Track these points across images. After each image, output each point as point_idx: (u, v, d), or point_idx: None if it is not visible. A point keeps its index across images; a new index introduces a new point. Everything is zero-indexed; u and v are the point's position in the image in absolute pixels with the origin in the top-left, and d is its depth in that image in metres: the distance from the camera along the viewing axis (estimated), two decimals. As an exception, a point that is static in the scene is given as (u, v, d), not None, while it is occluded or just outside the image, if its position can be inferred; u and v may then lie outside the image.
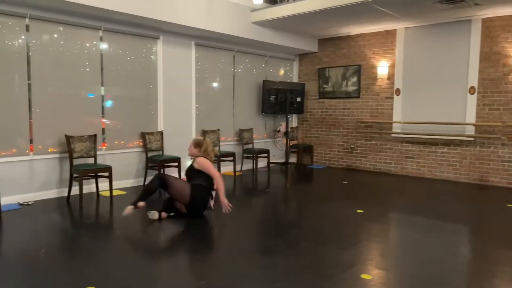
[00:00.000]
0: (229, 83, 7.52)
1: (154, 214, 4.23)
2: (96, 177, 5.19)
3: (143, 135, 6.03)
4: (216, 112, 7.32)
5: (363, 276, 2.87)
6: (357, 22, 6.96)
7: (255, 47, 7.72)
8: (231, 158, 7.00)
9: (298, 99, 8.41)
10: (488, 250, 3.44)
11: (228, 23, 6.51)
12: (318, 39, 8.41)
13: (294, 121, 8.97)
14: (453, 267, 3.09)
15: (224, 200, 4.25)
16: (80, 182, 4.83)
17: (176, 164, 6.08)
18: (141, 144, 6.10)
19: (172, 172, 6.46)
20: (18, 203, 4.79)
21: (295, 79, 8.88)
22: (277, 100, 8.00)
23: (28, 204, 4.77)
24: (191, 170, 4.51)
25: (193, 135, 6.86)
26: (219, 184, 4.30)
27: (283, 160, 8.15)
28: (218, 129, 7.19)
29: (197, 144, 4.57)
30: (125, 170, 5.92)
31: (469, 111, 6.50)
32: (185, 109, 6.73)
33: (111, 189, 5.09)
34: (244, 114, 7.82)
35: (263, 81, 7.86)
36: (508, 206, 4.99)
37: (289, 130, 8.32)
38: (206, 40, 6.89)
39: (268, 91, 7.87)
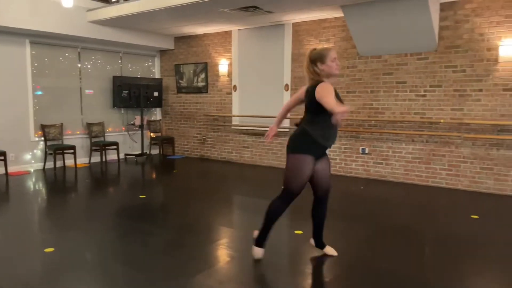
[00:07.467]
0: (75, 79, 7.81)
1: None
2: None
3: (-40, 130, 6.23)
4: (60, 106, 7.59)
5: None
6: (189, 22, 7.40)
7: (106, 44, 8.05)
8: (71, 151, 7.35)
9: (156, 94, 8.88)
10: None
11: (60, 22, 6.80)
12: (175, 37, 8.91)
13: (158, 114, 9.45)
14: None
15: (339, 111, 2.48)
16: None
17: (2, 158, 6.37)
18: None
19: None
20: None
21: (158, 75, 9.34)
22: (130, 95, 8.43)
23: None
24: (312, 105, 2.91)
25: (31, 129, 7.15)
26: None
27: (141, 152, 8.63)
28: (62, 123, 7.50)
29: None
30: None
31: (285, 106, 7.31)
32: (18, 104, 6.96)
33: None
34: (94, 108, 8.15)
35: (113, 76, 8.24)
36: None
37: (145, 123, 8.80)
38: (43, 38, 7.13)
39: (119, 86, 8.26)
